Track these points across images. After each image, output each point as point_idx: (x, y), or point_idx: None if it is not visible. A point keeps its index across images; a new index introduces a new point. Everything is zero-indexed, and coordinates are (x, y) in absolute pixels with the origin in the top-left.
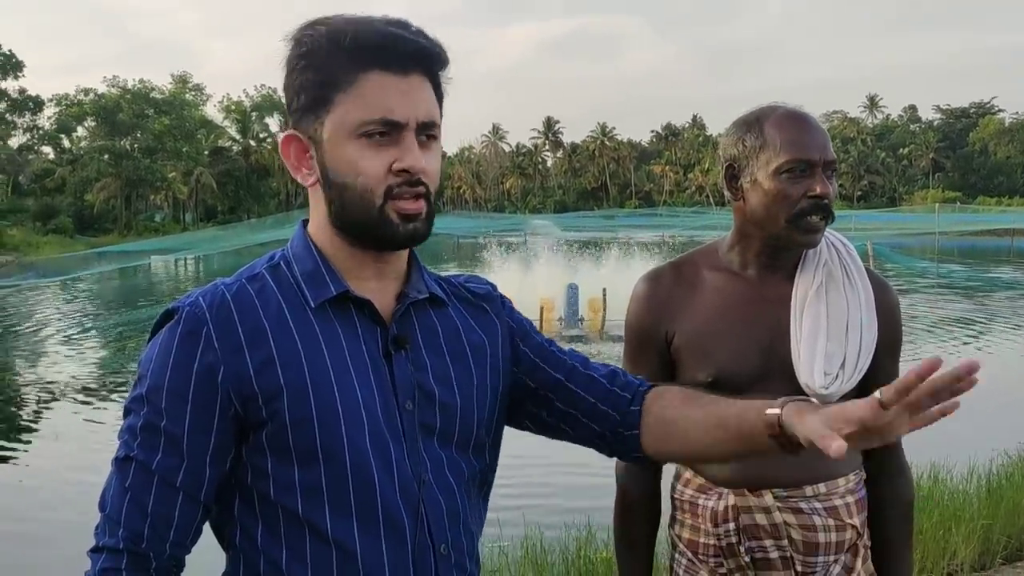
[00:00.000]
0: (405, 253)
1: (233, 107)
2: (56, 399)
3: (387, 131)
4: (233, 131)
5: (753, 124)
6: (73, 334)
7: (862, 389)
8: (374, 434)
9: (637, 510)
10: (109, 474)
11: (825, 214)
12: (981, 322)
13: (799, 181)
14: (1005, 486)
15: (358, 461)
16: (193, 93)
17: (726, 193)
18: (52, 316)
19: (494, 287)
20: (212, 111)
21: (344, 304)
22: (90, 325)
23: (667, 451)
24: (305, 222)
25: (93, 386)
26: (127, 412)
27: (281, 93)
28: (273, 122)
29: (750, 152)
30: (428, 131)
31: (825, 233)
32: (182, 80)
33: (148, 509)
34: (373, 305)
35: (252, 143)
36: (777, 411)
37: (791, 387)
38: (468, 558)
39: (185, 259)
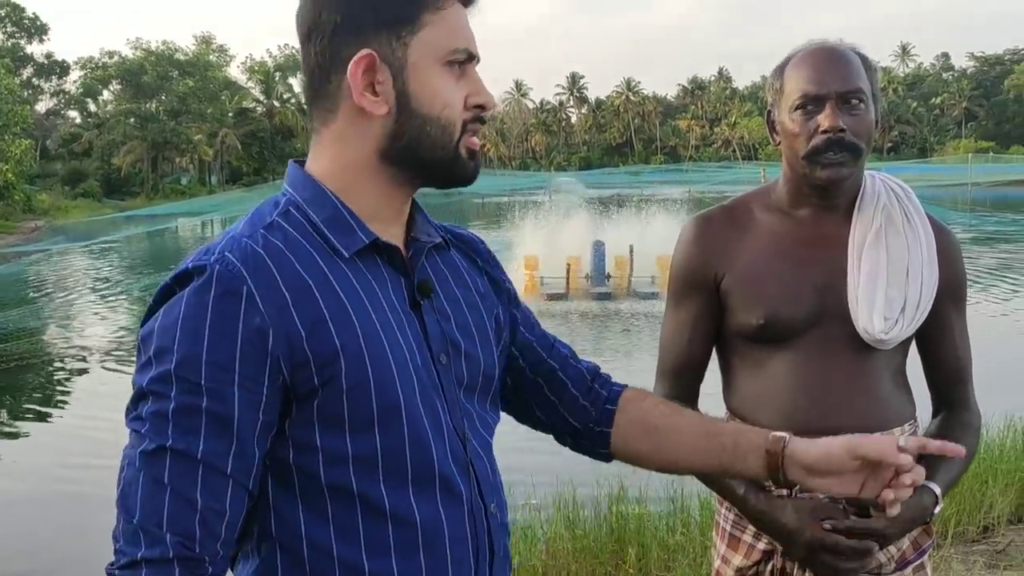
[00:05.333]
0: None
1: (256, 68)
2: (87, 362)
3: (466, 61)
4: (257, 92)
5: (780, 67)
6: (106, 295)
7: (920, 335)
8: (423, 393)
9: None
10: (127, 475)
11: (841, 147)
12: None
13: (811, 117)
14: None
15: (413, 424)
16: (216, 54)
17: (772, 138)
18: (82, 280)
19: (481, 240)
20: (235, 72)
21: (370, 253)
22: (120, 289)
23: (637, 452)
24: (298, 163)
25: (124, 349)
26: (145, 396)
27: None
28: (296, 83)
29: (776, 95)
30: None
31: (881, 177)
32: (205, 41)
33: (197, 504)
34: (401, 252)
35: (276, 104)
36: (784, 435)
37: (847, 330)
38: (505, 515)
39: (212, 221)
